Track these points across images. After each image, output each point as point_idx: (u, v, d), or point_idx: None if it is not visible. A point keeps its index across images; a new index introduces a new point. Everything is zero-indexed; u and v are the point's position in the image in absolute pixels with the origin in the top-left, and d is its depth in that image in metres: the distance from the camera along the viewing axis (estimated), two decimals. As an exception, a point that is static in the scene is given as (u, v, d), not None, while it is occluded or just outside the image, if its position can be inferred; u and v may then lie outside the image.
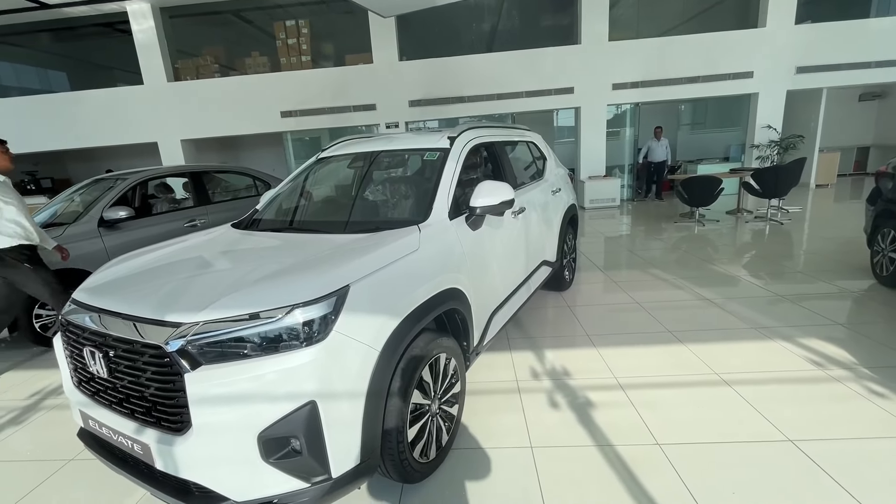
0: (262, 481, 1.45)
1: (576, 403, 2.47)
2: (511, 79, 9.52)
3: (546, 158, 4.05)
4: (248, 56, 9.96)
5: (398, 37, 9.49)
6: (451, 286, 2.04)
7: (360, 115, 9.83)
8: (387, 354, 1.61)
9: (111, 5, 9.24)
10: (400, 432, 1.71)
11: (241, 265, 1.84)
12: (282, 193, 2.91)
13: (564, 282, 4.24)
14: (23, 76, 12.09)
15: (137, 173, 4.70)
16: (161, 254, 2.08)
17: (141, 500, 1.93)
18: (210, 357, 1.41)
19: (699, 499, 1.76)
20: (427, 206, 2.23)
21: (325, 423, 1.45)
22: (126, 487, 1.98)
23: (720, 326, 3.32)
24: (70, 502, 2.00)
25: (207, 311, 1.43)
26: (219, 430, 1.41)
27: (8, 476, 2.22)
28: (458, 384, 2.17)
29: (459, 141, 2.64)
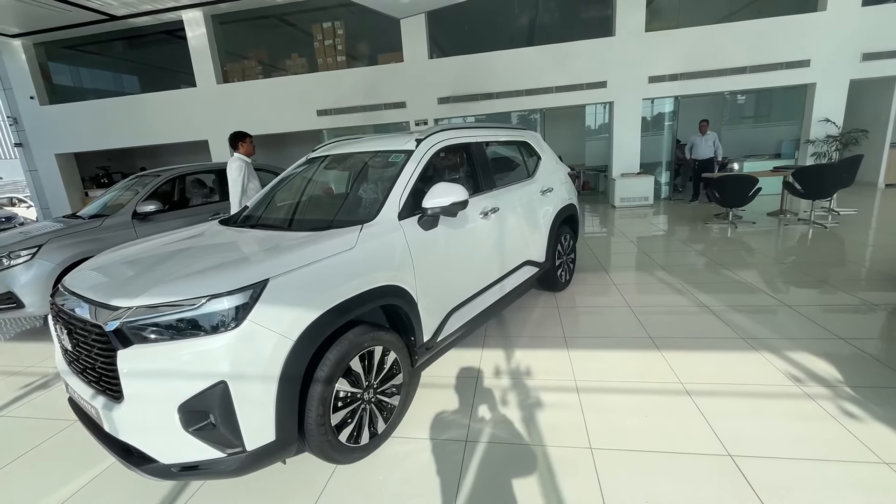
0: (185, 448, 1.65)
1: (525, 403, 2.51)
2: (540, 74, 9.37)
3: (540, 158, 4.02)
4: (288, 58, 10.51)
5: (428, 35, 9.61)
6: (388, 283, 2.15)
7: (390, 113, 10.09)
8: (303, 343, 1.76)
9: (169, 15, 10.08)
10: (321, 416, 1.86)
11: (193, 259, 2.05)
12: (269, 191, 3.14)
13: (559, 282, 4.21)
14: (101, 80, 13.45)
15: (167, 171, 5.19)
16: (140, 247, 2.36)
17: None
18: (140, 337, 1.62)
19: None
20: (378, 206, 2.36)
21: (237, 402, 1.62)
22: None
23: (707, 335, 3.18)
24: (69, 458, 2.34)
25: (141, 297, 1.65)
26: (145, 401, 1.63)
27: (27, 431, 2.62)
28: (401, 376, 2.28)
29: (425, 144, 2.73)
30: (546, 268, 3.92)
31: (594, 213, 9.27)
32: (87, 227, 4.34)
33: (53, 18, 9.63)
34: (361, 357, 2.05)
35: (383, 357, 2.17)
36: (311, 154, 3.34)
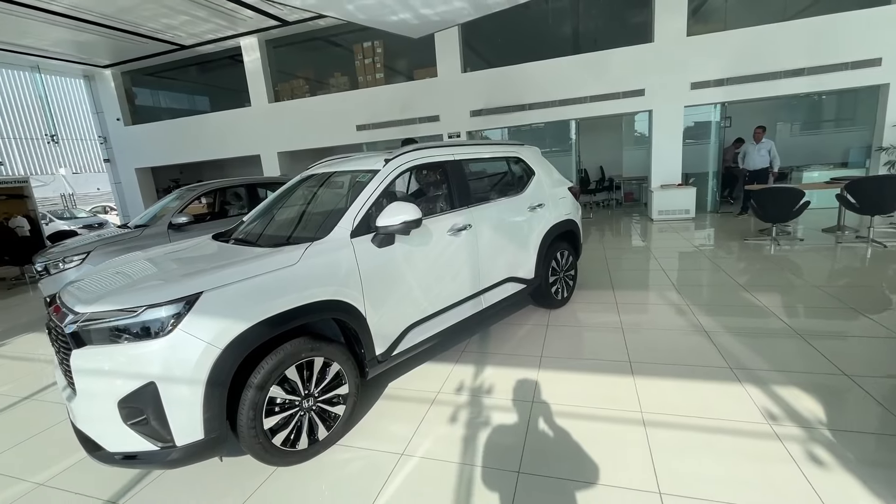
0: (125, 439, 1.87)
1: (474, 421, 2.52)
2: (575, 84, 9.19)
3: (533, 174, 4.00)
4: (332, 76, 11.15)
5: (462, 49, 9.79)
6: (330, 298, 2.28)
7: (425, 127, 10.35)
8: (231, 352, 1.92)
9: (230, 42, 11.10)
10: (252, 419, 2.02)
11: (153, 271, 2.30)
12: (262, 207, 3.41)
13: (554, 300, 4.12)
14: (177, 101, 15.01)
15: (201, 186, 5.73)
16: (123, 259, 2.68)
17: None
18: (90, 339, 1.87)
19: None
20: (331, 225, 2.50)
21: (165, 401, 1.82)
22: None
23: (692, 362, 2.99)
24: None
25: (94, 305, 1.91)
26: (93, 395, 1.87)
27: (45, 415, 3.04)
28: (346, 387, 2.40)
29: (393, 163, 2.85)
30: (535, 285, 3.87)
31: (629, 226, 8.88)
32: (129, 235, 4.92)
33: (135, 50, 10.95)
34: (300, 367, 2.19)
35: (325, 368, 2.30)
36: (305, 172, 3.58)
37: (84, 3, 7.97)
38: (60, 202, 16.89)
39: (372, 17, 5.30)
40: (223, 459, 2.26)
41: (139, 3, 8.24)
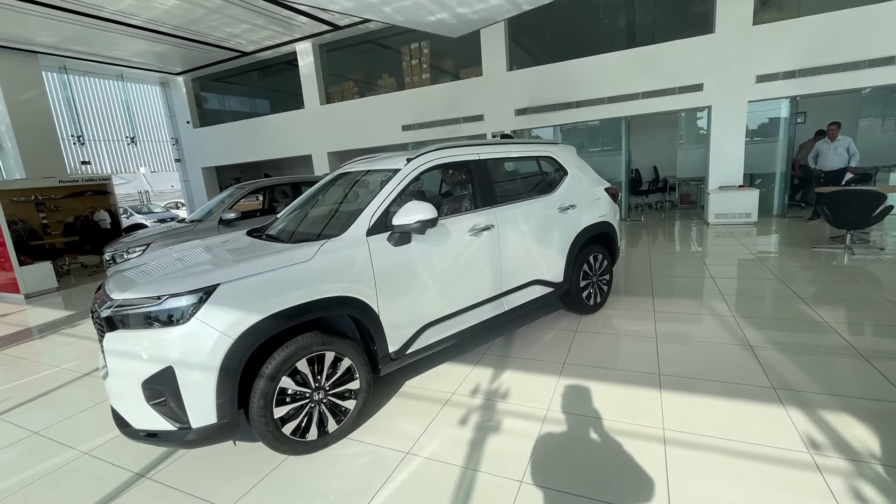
0: (148, 418, 2.02)
1: (484, 425, 2.48)
2: (625, 80, 8.78)
3: (566, 173, 3.86)
4: (380, 78, 11.41)
5: (508, 48, 9.66)
6: (342, 294, 2.33)
7: (469, 126, 10.33)
8: (243, 342, 2.01)
9: (286, 48, 11.68)
10: (262, 408, 2.11)
11: (183, 263, 2.45)
12: (296, 205, 3.56)
13: (585, 305, 3.96)
14: (240, 104, 16.03)
15: (250, 184, 6.07)
16: (163, 252, 2.88)
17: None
18: (121, 324, 2.04)
19: (501, 540, 1.70)
20: (348, 223, 2.56)
21: (182, 385, 1.95)
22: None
23: (727, 378, 2.75)
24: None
25: (126, 292, 2.07)
26: (121, 376, 2.04)
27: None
28: (357, 382, 2.44)
29: (414, 163, 2.87)
30: (565, 289, 3.74)
31: (682, 230, 8.36)
32: (184, 229, 5.31)
33: (203, 58, 11.82)
34: (311, 360, 2.26)
35: (336, 362, 2.35)
36: (338, 170, 3.68)
37: (159, 16, 8.71)
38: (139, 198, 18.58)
39: (409, 18, 5.36)
40: (237, 444, 2.39)
41: (205, 15, 8.87)
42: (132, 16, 8.50)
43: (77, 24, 8.56)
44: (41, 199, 9.21)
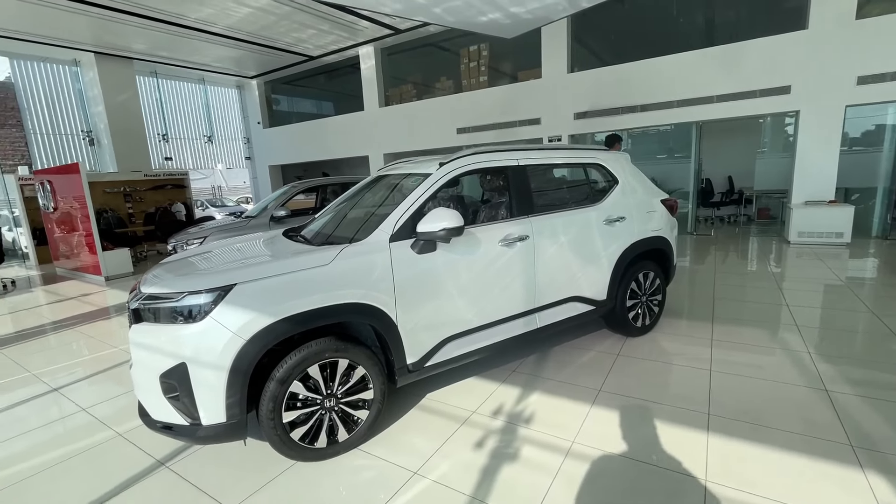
0: (165, 410, 2.07)
1: (501, 451, 2.30)
2: (699, 81, 8.10)
3: (616, 182, 3.56)
4: (438, 80, 11.45)
5: (570, 49, 9.29)
6: (357, 301, 2.26)
7: (525, 130, 10.06)
8: (254, 343, 2.00)
9: (350, 51, 12.06)
10: (271, 411, 2.09)
11: (210, 261, 2.49)
12: (331, 206, 3.57)
13: (632, 326, 3.64)
14: (306, 106, 16.81)
15: (302, 183, 6.29)
16: (199, 249, 2.98)
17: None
18: (145, 317, 2.11)
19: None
20: (372, 227, 2.49)
21: (193, 382, 1.97)
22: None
23: (793, 426, 2.36)
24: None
25: (152, 287, 2.14)
26: (142, 367, 2.10)
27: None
28: (371, 392, 2.37)
29: (446, 167, 2.76)
30: (608, 308, 3.45)
31: (757, 248, 7.55)
32: (238, 224, 5.59)
33: (274, 62, 12.52)
34: (323, 366, 2.21)
35: (349, 370, 2.29)
36: (377, 173, 3.66)
37: (235, 24, 9.32)
38: (213, 192, 20.12)
39: (460, 19, 5.26)
40: (247, 444, 2.39)
41: (276, 21, 9.37)
42: (211, 24, 9.16)
43: (164, 31, 9.37)
44: (128, 191, 10.19)
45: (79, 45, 10.09)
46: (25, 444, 2.64)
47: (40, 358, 4.05)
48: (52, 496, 2.16)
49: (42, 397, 3.26)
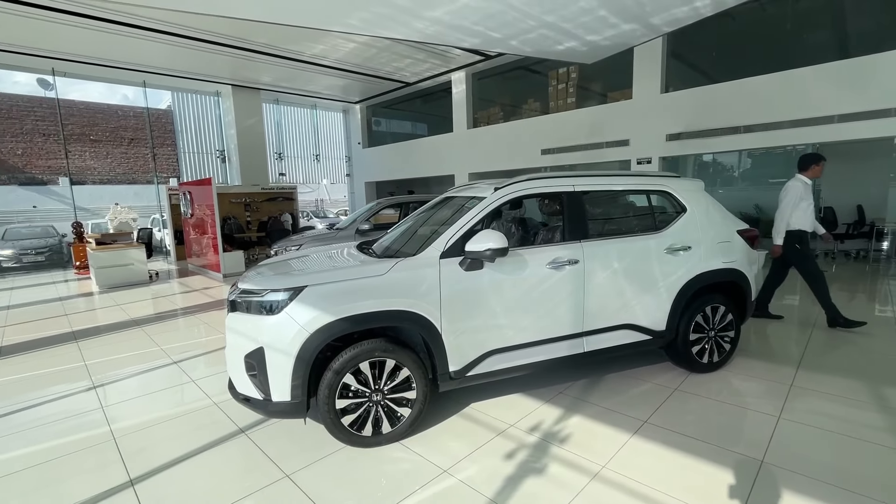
0: (246, 385, 2.53)
1: (529, 465, 2.40)
2: (813, 100, 7.28)
3: (684, 211, 3.45)
4: (525, 102, 11.66)
5: (664, 69, 8.92)
6: (406, 309, 2.54)
7: (612, 151, 9.80)
8: (317, 337, 2.38)
9: (443, 77, 12.82)
10: (327, 397, 2.44)
11: (293, 266, 2.95)
12: (401, 222, 3.95)
13: (695, 361, 3.45)
14: (403, 127, 18.06)
15: (386, 200, 6.86)
16: (291, 255, 3.50)
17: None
18: (238, 307, 2.60)
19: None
20: (426, 245, 2.77)
21: (269, 364, 2.39)
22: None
23: (862, 487, 2.11)
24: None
25: (245, 283, 2.64)
26: (233, 349, 2.59)
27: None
28: (414, 392, 2.62)
29: (500, 192, 2.97)
30: (668, 339, 3.33)
31: (884, 289, 6.49)
32: (329, 235, 6.30)
33: (375, 88, 13.76)
34: (373, 364, 2.52)
35: (396, 370, 2.57)
36: (445, 193, 3.98)
37: (343, 57, 10.51)
38: (316, 205, 22.32)
39: (538, 49, 5.43)
40: (307, 423, 2.77)
41: (377, 53, 10.36)
42: (323, 58, 10.43)
43: (286, 66, 10.87)
44: (248, 202, 11.85)
45: (221, 79, 12.11)
46: (146, 403, 3.34)
47: (168, 336, 4.98)
48: (162, 444, 2.73)
49: (165, 367, 4.04)
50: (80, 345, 4.73)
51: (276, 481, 2.32)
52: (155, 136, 18.15)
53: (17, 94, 16.32)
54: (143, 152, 18.63)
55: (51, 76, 10.99)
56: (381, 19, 4.36)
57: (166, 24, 7.92)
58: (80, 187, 13.31)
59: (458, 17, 4.31)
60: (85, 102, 17.64)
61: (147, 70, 10.96)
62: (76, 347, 4.65)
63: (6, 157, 16.10)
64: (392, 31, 4.85)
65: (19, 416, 3.19)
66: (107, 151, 18.00)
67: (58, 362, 4.24)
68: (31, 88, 16.51)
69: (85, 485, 2.35)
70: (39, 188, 16.33)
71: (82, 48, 9.26)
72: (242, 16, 4.90)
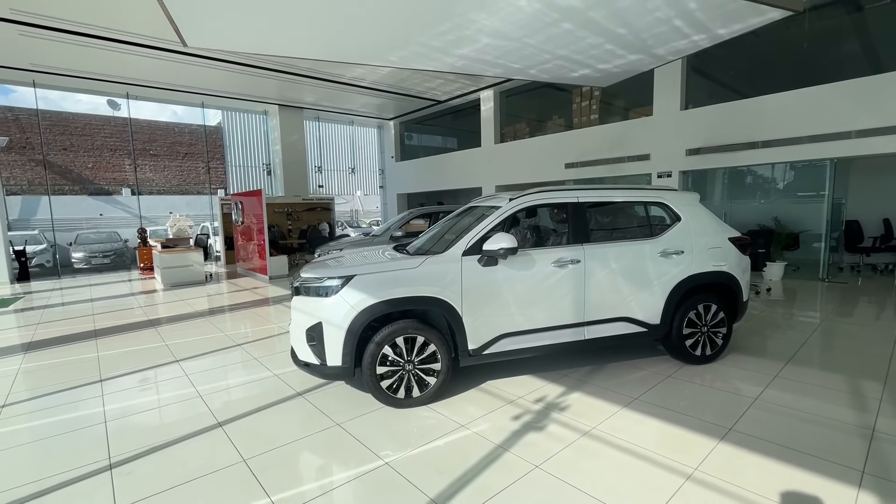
0: (306, 352, 3.19)
1: (532, 424, 2.93)
2: (833, 116, 7.50)
3: (678, 220, 3.92)
4: (550, 119, 12.20)
5: (684, 86, 9.30)
6: (433, 295, 3.14)
7: (633, 165, 10.18)
8: (363, 314, 3.01)
9: (472, 95, 13.55)
10: (370, 364, 3.07)
11: (344, 262, 3.62)
12: (432, 227, 4.58)
13: (689, 354, 3.88)
14: (433, 142, 18.90)
15: (417, 210, 7.52)
16: (347, 250, 4.18)
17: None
18: (301, 291, 3.28)
19: None
20: (450, 245, 3.38)
21: (325, 335, 3.05)
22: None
23: (810, 450, 2.53)
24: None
25: (307, 273, 3.32)
26: (296, 324, 3.26)
27: (294, 342, 4.91)
28: (439, 365, 3.21)
29: (514, 202, 3.56)
30: (662, 332, 3.79)
31: (901, 300, 6.60)
32: (367, 240, 7.01)
33: (408, 106, 14.65)
34: (406, 339, 3.13)
35: (424, 345, 3.17)
36: (470, 203, 4.59)
37: (379, 79, 11.39)
38: (351, 215, 23.41)
39: (555, 76, 6.00)
40: (354, 387, 3.40)
41: (411, 75, 11.17)
42: (361, 79, 11.36)
43: (327, 88, 11.87)
44: (290, 211, 12.83)
45: (268, 100, 13.27)
46: (220, 373, 4.06)
47: (229, 325, 5.77)
48: (238, 402, 3.42)
49: (231, 349, 4.78)
50: (159, 330, 5.58)
51: (329, 427, 2.95)
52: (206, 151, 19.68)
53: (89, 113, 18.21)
54: (195, 165, 20.25)
55: (124, 99, 12.40)
56: (416, 56, 5.06)
57: (226, 53, 8.99)
58: (140, 197, 14.75)
59: (482, 52, 4.96)
60: (147, 120, 19.44)
61: (205, 92, 12.21)
62: (156, 332, 5.50)
63: (79, 170, 17.95)
64: (426, 66, 5.54)
65: (125, 380, 3.97)
66: (164, 165, 19.70)
67: (142, 343, 5.07)
68: (91, 107, 18.38)
69: (184, 425, 3.05)
70: (105, 198, 18.07)
71: (152, 75, 10.51)
72: (301, 55, 5.72)
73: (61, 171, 17.75)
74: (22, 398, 3.63)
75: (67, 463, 2.62)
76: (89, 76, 10.60)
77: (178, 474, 2.48)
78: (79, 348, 4.93)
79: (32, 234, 13.68)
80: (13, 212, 16.20)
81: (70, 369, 4.25)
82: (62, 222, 14.90)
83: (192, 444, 2.82)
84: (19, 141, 16.88)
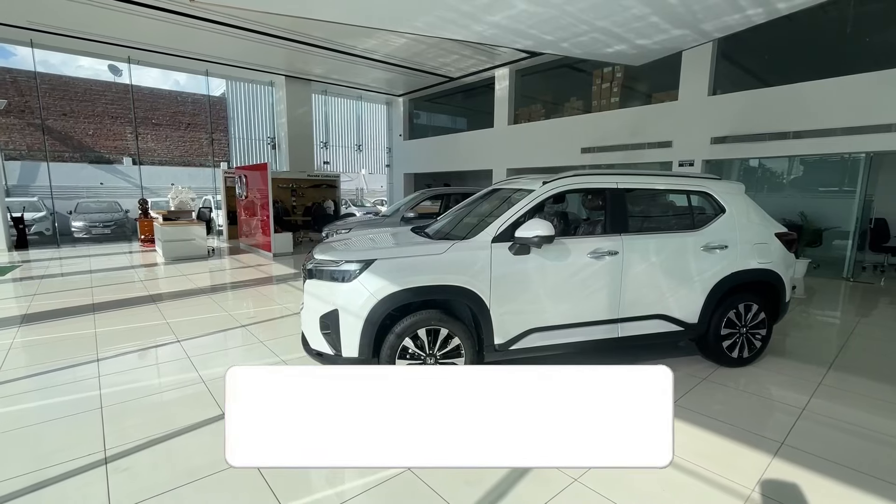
0: (319, 342, 2.93)
1: (564, 429, 2.68)
2: (870, 107, 7.10)
3: (723, 211, 3.62)
4: (567, 101, 11.73)
5: (713, 71, 8.83)
6: (459, 284, 2.87)
7: (653, 152, 9.79)
8: (384, 303, 2.74)
9: (487, 73, 13.03)
10: (389, 357, 2.81)
11: (360, 243, 3.34)
12: (452, 210, 4.28)
13: (725, 356, 3.63)
14: (442, 121, 18.40)
15: (429, 191, 7.21)
16: (355, 233, 3.89)
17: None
18: (315, 275, 3.00)
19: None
20: (479, 230, 3.09)
21: (341, 324, 2.78)
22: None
23: (869, 469, 2.30)
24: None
25: (322, 255, 3.03)
26: (309, 310, 3.00)
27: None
28: (462, 360, 2.95)
29: (548, 185, 3.25)
30: (699, 332, 3.53)
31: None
32: (377, 221, 6.72)
33: (419, 82, 14.13)
34: (428, 331, 2.87)
35: (448, 338, 2.91)
36: (493, 186, 4.27)
37: (392, 52, 10.91)
38: (355, 194, 23.02)
39: (588, 51, 5.60)
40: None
41: (425, 49, 10.70)
42: (373, 52, 10.87)
43: (338, 59, 11.38)
44: (294, 187, 12.49)
45: (276, 70, 12.78)
46: (223, 357, 3.82)
47: (232, 304, 5.52)
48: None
49: (235, 330, 4.54)
50: (160, 306, 5.33)
51: (344, 424, 2.71)
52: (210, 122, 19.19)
53: (90, 78, 17.68)
54: (198, 136, 19.79)
55: (125, 63, 11.92)
56: (444, 22, 4.67)
57: (235, 17, 8.52)
58: (141, 167, 14.39)
59: (515, 21, 4.57)
60: (149, 88, 18.91)
61: (210, 60, 11.73)
62: (156, 308, 5.25)
63: (80, 137, 17.52)
64: (453, 34, 5.15)
65: (123, 359, 3.74)
66: (166, 135, 19.25)
67: (142, 319, 4.83)
68: (91, 73, 17.80)
69: (186, 414, 2.82)
70: (106, 167, 17.70)
71: (156, 39, 10.04)
72: (323, 17, 5.31)
73: (61, 138, 17.32)
74: (11, 377, 3.39)
75: (59, 455, 2.39)
76: (90, 37, 10.12)
77: (179, 470, 2.25)
78: (76, 323, 4.69)
79: (31, 201, 13.38)
80: (11, 177, 15.87)
81: (66, 346, 4.01)
82: (62, 190, 14.56)
83: (193, 437, 2.59)
84: (18, 104, 16.43)
